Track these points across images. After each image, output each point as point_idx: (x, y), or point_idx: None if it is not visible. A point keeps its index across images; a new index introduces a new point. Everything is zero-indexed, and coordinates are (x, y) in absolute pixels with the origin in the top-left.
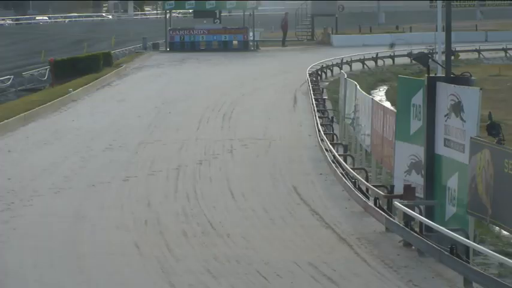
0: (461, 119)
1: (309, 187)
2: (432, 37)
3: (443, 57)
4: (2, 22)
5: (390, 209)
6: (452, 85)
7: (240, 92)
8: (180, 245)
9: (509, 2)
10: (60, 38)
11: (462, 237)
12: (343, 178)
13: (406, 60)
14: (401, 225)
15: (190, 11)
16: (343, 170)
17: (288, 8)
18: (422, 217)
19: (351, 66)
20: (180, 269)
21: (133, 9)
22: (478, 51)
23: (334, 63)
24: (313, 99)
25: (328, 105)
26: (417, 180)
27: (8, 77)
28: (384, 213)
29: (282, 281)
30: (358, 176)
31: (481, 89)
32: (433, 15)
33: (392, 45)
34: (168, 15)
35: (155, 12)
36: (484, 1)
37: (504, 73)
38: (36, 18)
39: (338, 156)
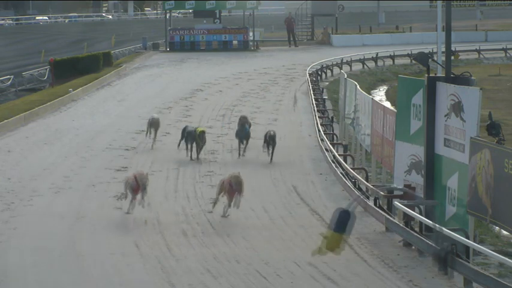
0: (461, 119)
1: (309, 187)
2: (432, 37)
3: (443, 57)
4: (2, 22)
5: (390, 209)
6: (452, 85)
7: (240, 92)
8: (180, 245)
9: (509, 2)
10: (60, 38)
11: (462, 237)
12: (343, 178)
13: (406, 60)
14: (401, 225)
15: (190, 11)
16: (343, 170)
17: (288, 8)
18: (422, 217)
19: (351, 66)
20: (180, 269)
21: (133, 9)
22: (478, 51)
23: (334, 63)
24: (313, 99)
25: (328, 105)
26: (417, 180)
27: (8, 77)
28: (384, 213)
29: (282, 281)
30: (358, 176)
31: (481, 89)
32: (433, 15)
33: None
34: (168, 15)
35: (155, 12)
36: (484, 1)
37: (504, 73)
38: (36, 18)
39: (338, 156)
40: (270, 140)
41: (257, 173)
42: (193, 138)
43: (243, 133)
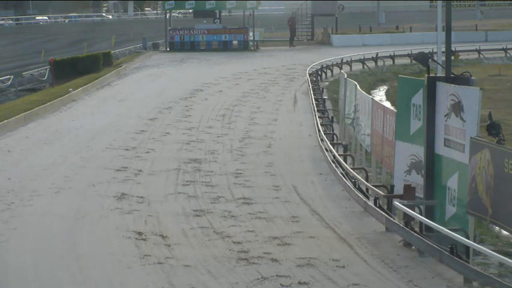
0: (461, 119)
1: (309, 187)
2: (432, 37)
3: (443, 57)
4: (2, 22)
5: (390, 209)
6: (452, 85)
7: (240, 92)
8: (180, 245)
9: (509, 2)
10: (60, 38)
11: (462, 237)
12: (343, 178)
13: (406, 60)
14: (401, 225)
15: (190, 11)
16: (343, 170)
17: (288, 8)
18: (422, 217)
19: (351, 66)
20: (180, 269)
21: (133, 9)
22: (478, 51)
23: (334, 63)
24: (313, 99)
25: (328, 105)
26: (417, 180)
27: (8, 77)
28: (384, 213)
29: (282, 281)
30: (358, 176)
31: (481, 89)
32: (433, 15)
33: None
34: (168, 15)
35: (155, 12)
36: (484, 1)
37: (504, 73)
38: (36, 18)
39: (338, 156)
40: None
41: (257, 172)
42: None
43: None
